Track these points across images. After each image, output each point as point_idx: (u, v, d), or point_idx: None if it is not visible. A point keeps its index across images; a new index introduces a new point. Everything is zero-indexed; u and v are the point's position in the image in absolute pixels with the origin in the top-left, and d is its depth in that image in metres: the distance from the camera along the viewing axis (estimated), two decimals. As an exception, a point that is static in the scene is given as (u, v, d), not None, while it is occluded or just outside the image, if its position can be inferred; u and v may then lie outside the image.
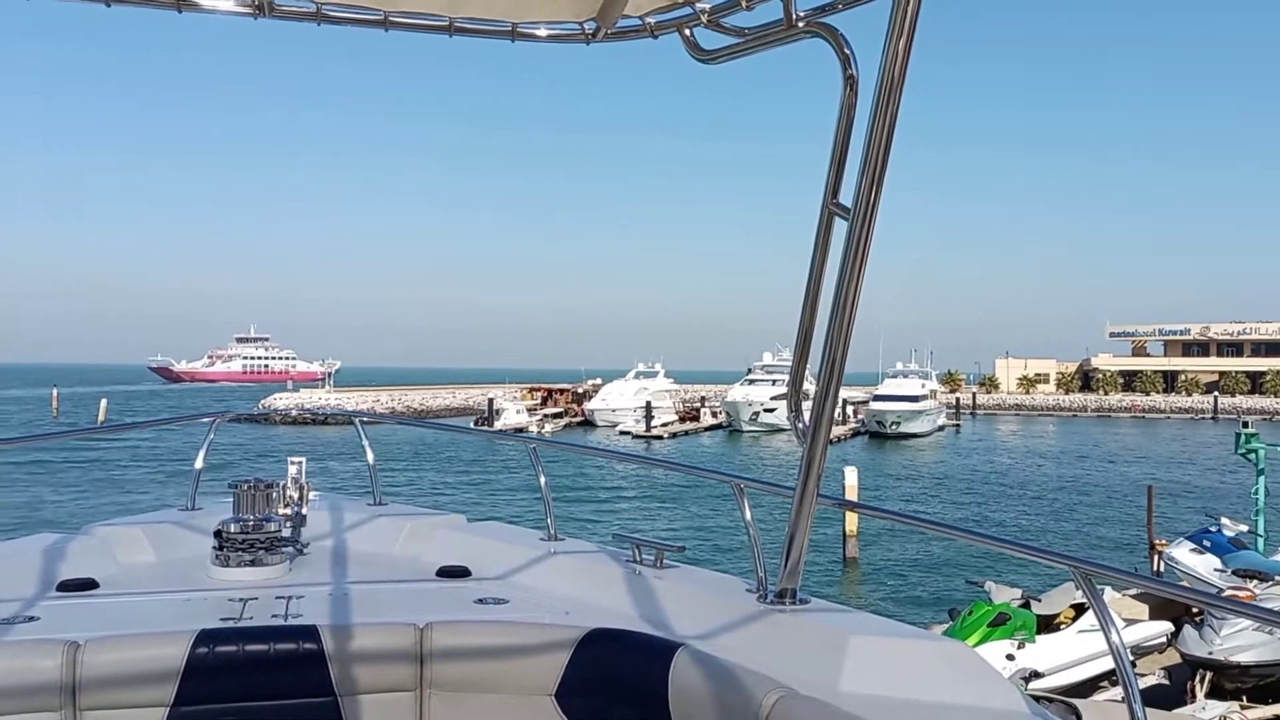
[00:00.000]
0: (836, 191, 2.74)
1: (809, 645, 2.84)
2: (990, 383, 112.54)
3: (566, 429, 71.46)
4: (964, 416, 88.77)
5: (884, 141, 2.45)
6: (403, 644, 3.04)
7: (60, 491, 33.57)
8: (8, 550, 3.91)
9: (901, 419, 68.10)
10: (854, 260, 2.59)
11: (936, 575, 22.77)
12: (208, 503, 4.74)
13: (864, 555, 24.54)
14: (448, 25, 3.02)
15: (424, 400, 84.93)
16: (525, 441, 4.86)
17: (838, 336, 2.70)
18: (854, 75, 2.64)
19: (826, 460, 2.98)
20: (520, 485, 35.96)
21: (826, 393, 2.81)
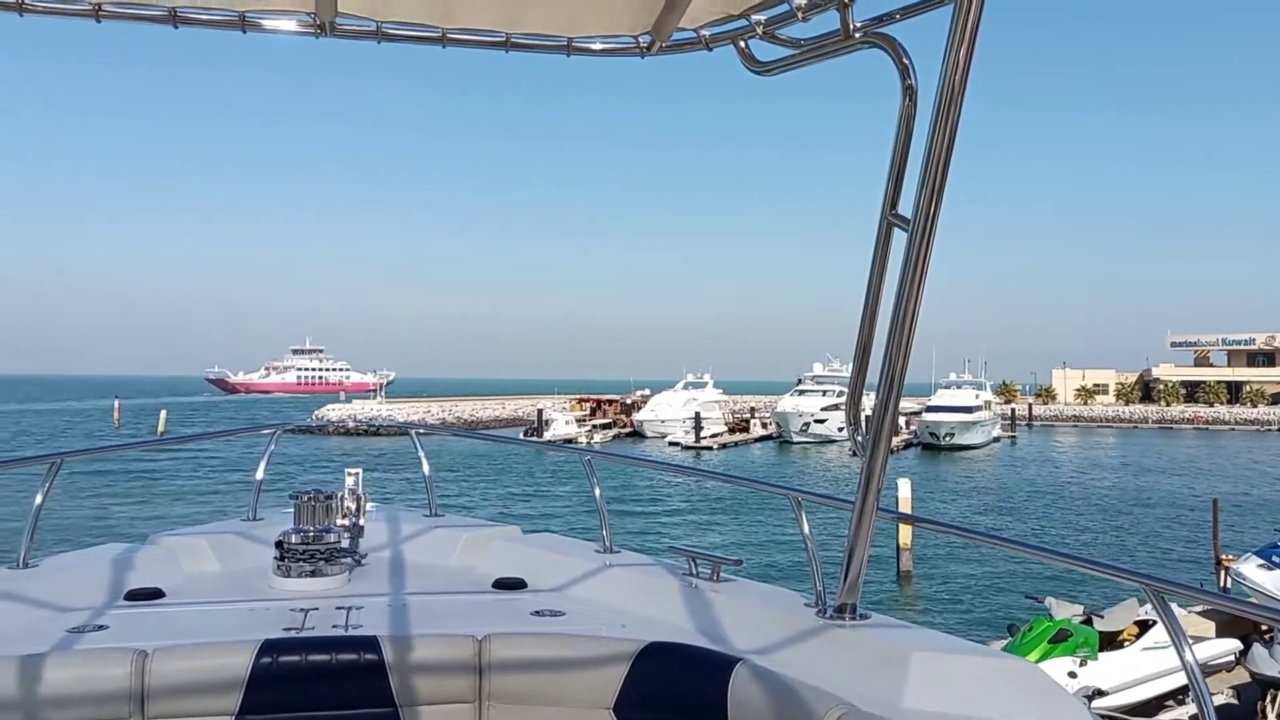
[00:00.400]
0: (895, 203, 2.72)
1: (870, 661, 2.80)
2: (1047, 393, 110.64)
3: (615, 440, 71.52)
4: (1020, 428, 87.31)
5: (944, 152, 2.43)
6: (461, 655, 3.06)
7: (125, 501, 34.31)
8: (78, 560, 4.00)
9: (955, 430, 67.13)
10: (914, 272, 2.56)
11: (994, 590, 22.39)
12: (268, 513, 4.81)
13: (919, 569, 24.21)
14: (504, 41, 3.05)
15: (474, 411, 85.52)
16: (580, 453, 4.87)
17: (897, 349, 2.67)
18: (913, 85, 2.62)
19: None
20: (571, 496, 36.05)
21: (886, 405, 2.78)
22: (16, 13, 2.76)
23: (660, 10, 2.90)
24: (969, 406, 70.67)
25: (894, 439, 4.11)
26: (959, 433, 67.15)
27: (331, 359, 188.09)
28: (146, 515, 30.54)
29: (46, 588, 3.54)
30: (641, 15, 2.96)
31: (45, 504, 3.81)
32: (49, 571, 3.72)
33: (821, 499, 3.83)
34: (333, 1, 2.78)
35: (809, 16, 2.75)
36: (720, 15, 2.95)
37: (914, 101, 2.64)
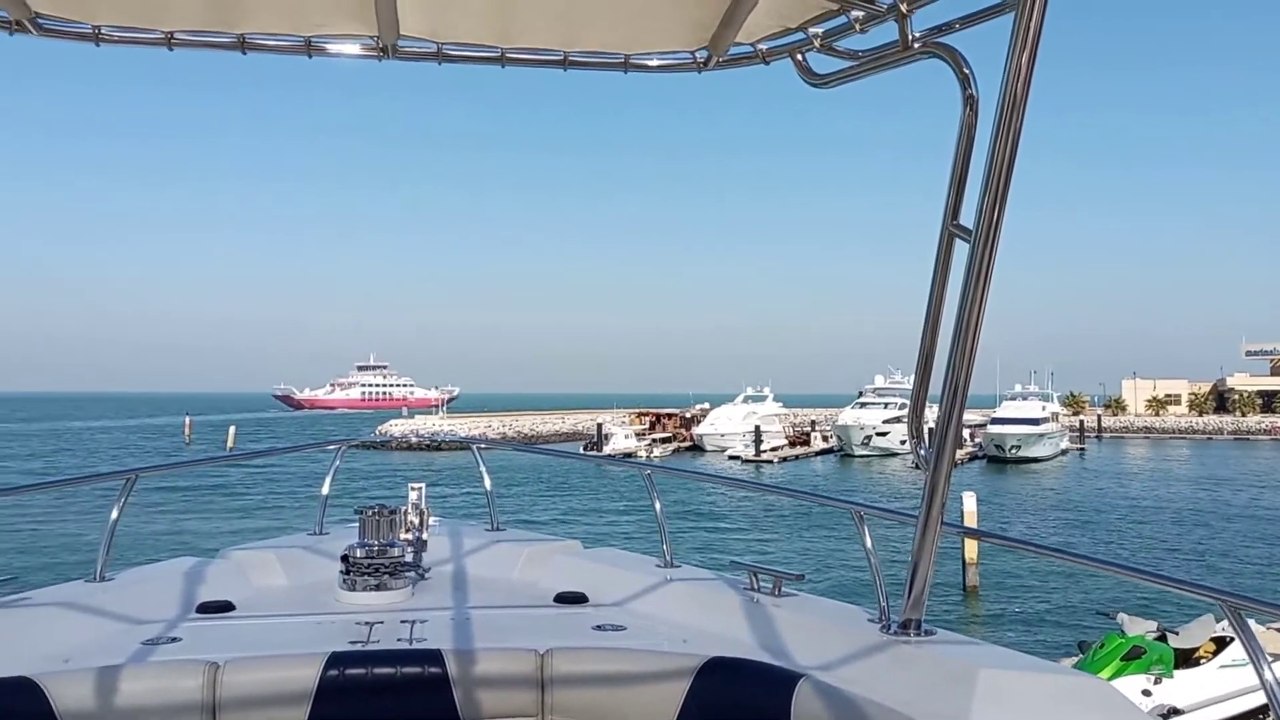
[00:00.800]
0: (957, 213, 2.69)
1: (936, 678, 2.75)
2: (1116, 404, 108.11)
3: (675, 454, 71.39)
4: (1089, 440, 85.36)
5: (1006, 160, 2.39)
6: (524, 670, 3.07)
7: (196, 515, 35.09)
8: (152, 573, 4.10)
9: (1022, 442, 65.82)
10: (976, 283, 2.53)
11: (1064, 606, 21.87)
12: (334, 527, 4.89)
13: (985, 583, 23.75)
14: (562, 59, 3.08)
15: (534, 425, 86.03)
16: (640, 468, 4.88)
17: (960, 361, 2.64)
18: (974, 94, 2.59)
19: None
20: (631, 510, 36.06)
21: (949, 418, 2.74)
22: (94, 43, 2.85)
23: (717, 26, 2.91)
24: (1035, 418, 69.25)
25: (959, 451, 4.04)
26: (1025, 445, 65.83)
27: (395, 375, 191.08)
28: (217, 529, 31.23)
29: (122, 601, 3.64)
30: (698, 31, 2.97)
31: (120, 518, 3.92)
32: (124, 585, 3.82)
33: (884, 513, 3.78)
34: (395, 25, 2.84)
35: (867, 28, 2.74)
36: (777, 29, 2.95)
37: (975, 111, 2.61)
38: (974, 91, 2.60)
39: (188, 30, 2.86)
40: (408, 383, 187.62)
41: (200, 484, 42.06)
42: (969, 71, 2.59)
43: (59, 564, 23.20)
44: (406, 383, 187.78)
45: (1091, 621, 17.49)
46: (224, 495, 40.91)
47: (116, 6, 2.75)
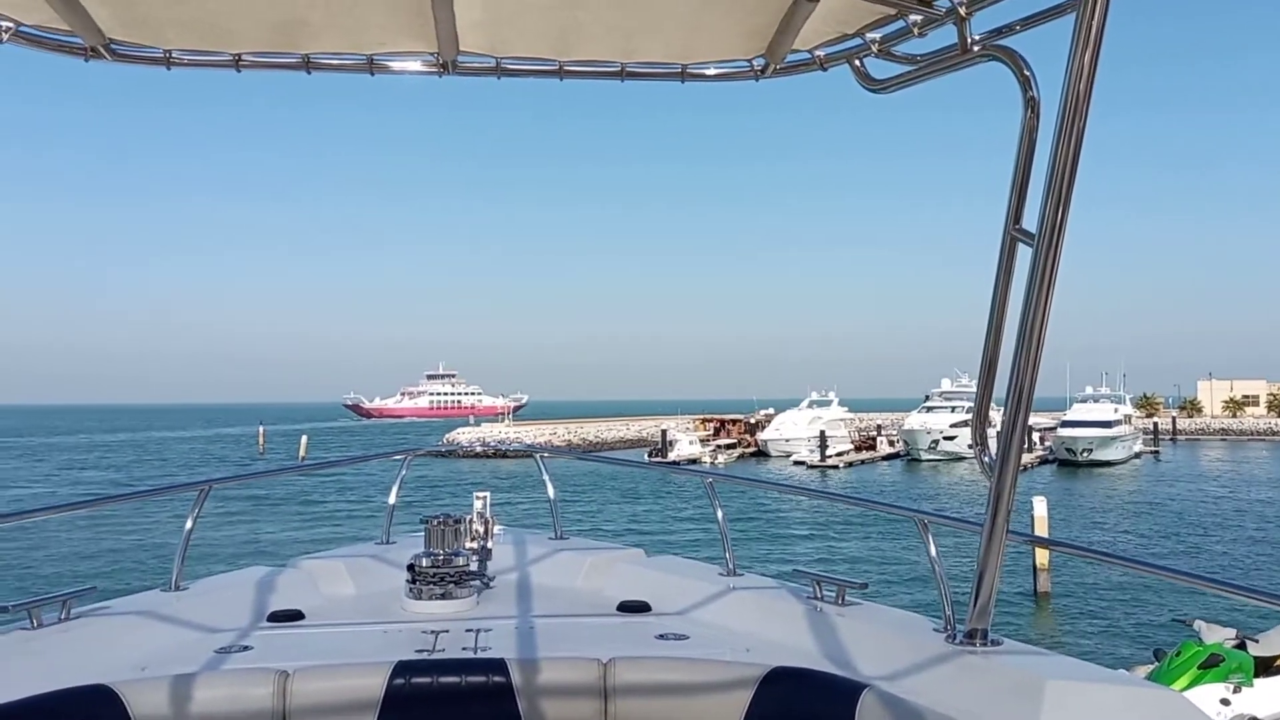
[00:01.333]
0: (1019, 217, 2.65)
1: (1003, 689, 2.71)
2: (1192, 406, 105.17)
3: (740, 460, 71.08)
4: (1163, 442, 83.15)
5: (1070, 163, 2.35)
6: (587, 679, 3.09)
7: (267, 524, 35.86)
8: (225, 582, 4.20)
9: (1093, 445, 64.33)
10: (1040, 287, 2.49)
11: (1138, 613, 21.33)
12: (401, 536, 4.96)
13: (1057, 590, 23.25)
14: (619, 70, 3.10)
15: (599, 433, 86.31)
16: (701, 475, 4.87)
17: (1025, 366, 2.60)
18: (1035, 97, 2.56)
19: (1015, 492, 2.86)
20: (696, 518, 35.98)
21: (1014, 424, 2.70)
22: (165, 67, 2.95)
23: (774, 33, 2.90)
24: (1107, 421, 67.61)
25: (1028, 455, 3.92)
26: (1097, 448, 64.34)
27: (463, 384, 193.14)
28: (287, 538, 31.87)
29: (196, 610, 3.73)
30: (755, 39, 2.97)
31: (194, 528, 4.02)
32: (198, 594, 3.92)
33: (948, 520, 3.73)
34: (454, 41, 2.89)
35: (925, 32, 2.72)
36: (834, 35, 2.94)
37: (1036, 113, 2.57)
38: (1035, 94, 2.56)
39: (254, 52, 2.94)
40: (476, 391, 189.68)
41: (271, 493, 42.98)
42: (1030, 74, 2.56)
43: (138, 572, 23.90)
44: (474, 391, 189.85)
45: (1167, 629, 17.02)
46: (294, 504, 41.77)
47: (187, 32, 2.84)
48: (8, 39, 2.73)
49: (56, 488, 53.11)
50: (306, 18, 2.78)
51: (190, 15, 2.76)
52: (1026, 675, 2.71)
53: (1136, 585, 23.16)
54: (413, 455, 5.35)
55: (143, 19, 2.76)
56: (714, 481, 4.57)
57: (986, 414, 3.03)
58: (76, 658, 3.15)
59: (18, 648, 3.16)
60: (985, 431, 3.04)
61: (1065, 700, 2.58)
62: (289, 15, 2.76)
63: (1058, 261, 2.47)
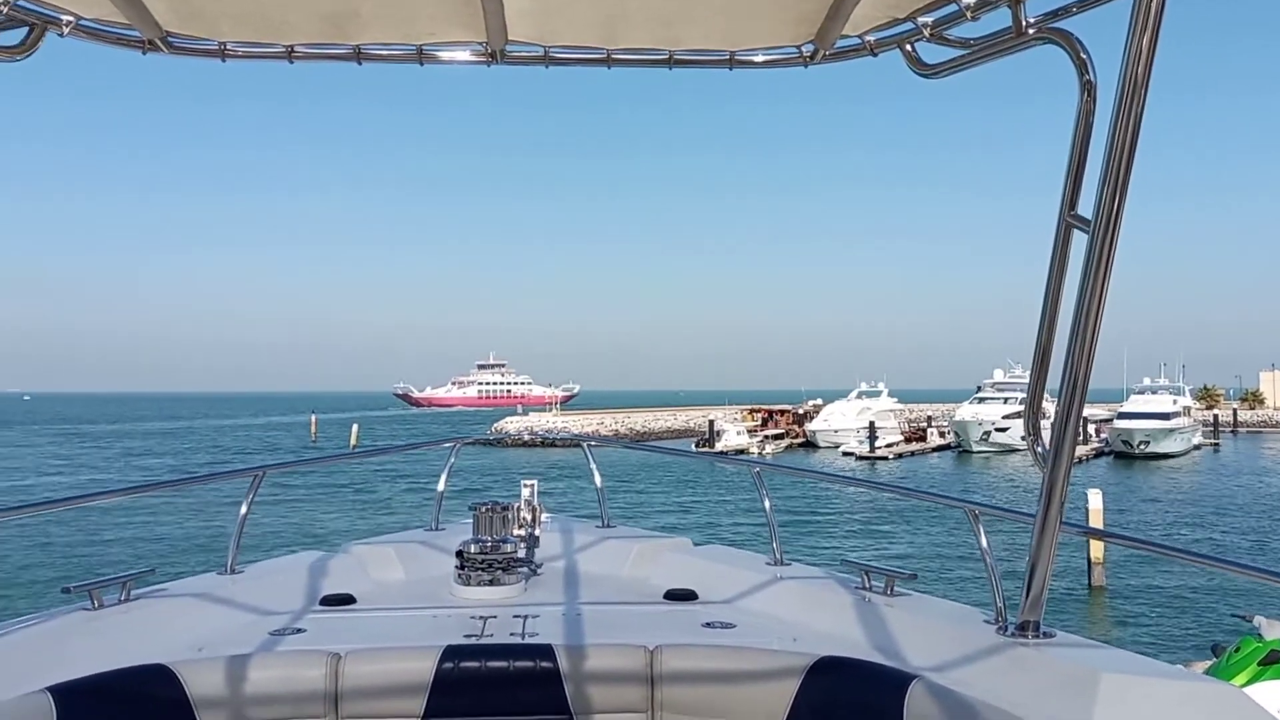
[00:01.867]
0: (1074, 203, 2.60)
1: (1056, 682, 2.67)
2: (1254, 398, 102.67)
3: (788, 450, 70.76)
4: (1223, 435, 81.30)
5: (1127, 147, 2.30)
6: (634, 665, 3.10)
7: (319, 510, 36.45)
8: (279, 566, 4.28)
9: (1151, 438, 63.05)
10: (1096, 274, 2.44)
11: (1196, 608, 20.91)
12: (449, 523, 5.01)
13: (1112, 584, 22.87)
14: (667, 58, 3.09)
15: (646, 423, 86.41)
16: (749, 465, 4.85)
17: (1080, 355, 2.55)
18: (1091, 80, 2.50)
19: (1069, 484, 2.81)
20: (742, 508, 35.91)
21: (1068, 414, 2.66)
22: (220, 59, 2.99)
23: (823, 19, 2.87)
24: (1165, 413, 66.19)
25: (1084, 447, 3.81)
26: (1155, 440, 63.05)
27: (513, 373, 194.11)
28: (338, 524, 32.36)
29: (251, 592, 3.80)
30: (804, 25, 2.94)
31: (249, 513, 4.10)
32: (253, 577, 4.00)
33: (1000, 512, 3.68)
34: (503, 30, 2.89)
35: (979, 15, 2.67)
36: (885, 20, 2.90)
37: (1093, 97, 2.52)
38: (1092, 77, 2.51)
39: (307, 43, 2.97)
40: (525, 381, 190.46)
41: (323, 480, 43.65)
42: (1086, 57, 2.50)
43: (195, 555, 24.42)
44: (524, 381, 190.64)
45: (1227, 624, 16.67)
46: (345, 491, 42.38)
47: (241, 24, 2.88)
48: (68, 32, 2.79)
49: (119, 474, 54.41)
50: (358, 8, 2.80)
51: (244, 8, 2.79)
52: (1080, 668, 2.66)
53: (1194, 581, 22.72)
54: (461, 443, 5.40)
55: (198, 11, 2.80)
56: (761, 471, 4.55)
57: (1040, 403, 2.98)
58: (136, 638, 3.23)
59: (80, 628, 3.24)
60: (1039, 421, 2.99)
61: (1121, 694, 2.53)
62: (341, 6, 2.79)
63: (1114, 248, 2.42)
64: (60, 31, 2.78)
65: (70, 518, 30.10)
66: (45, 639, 3.12)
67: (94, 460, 63.06)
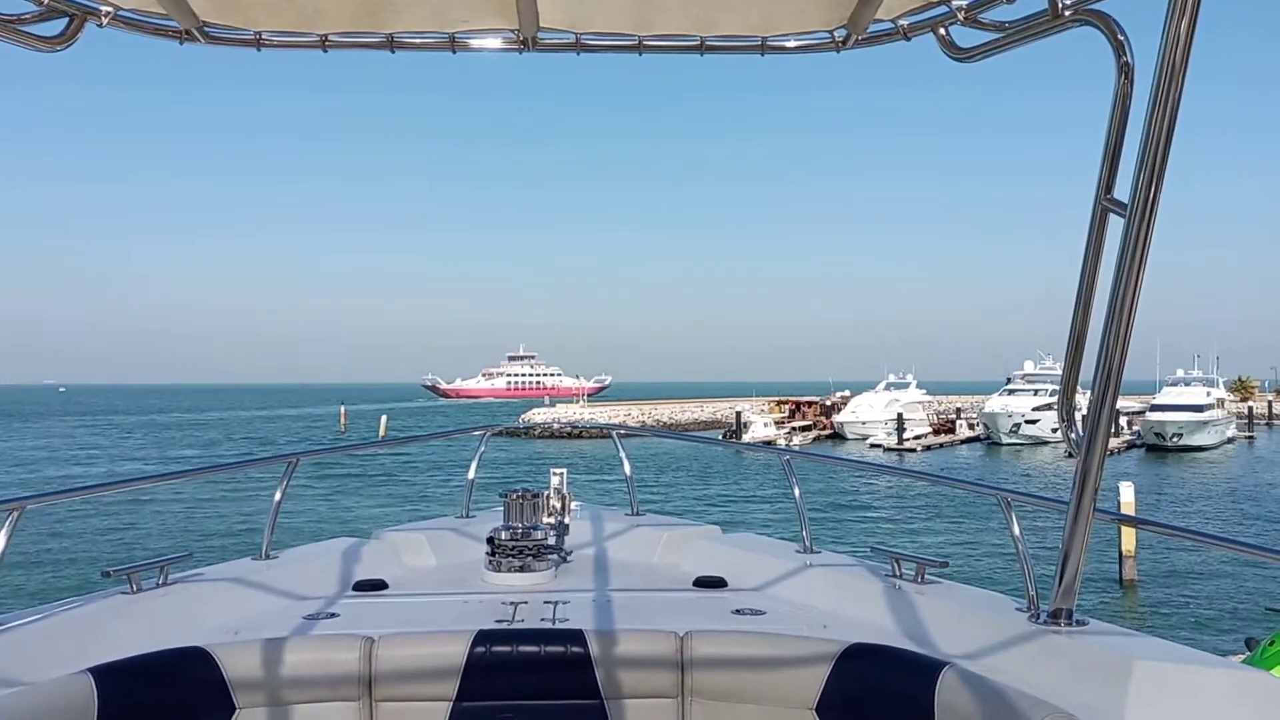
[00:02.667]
0: (1110, 187, 2.58)
1: (1090, 670, 2.65)
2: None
3: (815, 442, 70.43)
4: (1259, 427, 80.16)
5: (1165, 131, 2.28)
6: (664, 651, 3.11)
7: (351, 497, 36.77)
8: (312, 552, 4.33)
9: (1184, 430, 62.21)
10: (1133, 259, 2.42)
11: (1230, 600, 20.65)
12: (480, 511, 5.04)
13: (1143, 577, 22.63)
14: (699, 45, 3.08)
15: (673, 414, 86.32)
16: (779, 454, 4.85)
17: (1115, 341, 2.53)
18: (1129, 63, 2.47)
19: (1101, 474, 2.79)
20: (770, 497, 35.85)
21: (1103, 401, 2.64)
22: (255, 48, 3.02)
23: (856, 3, 2.85)
24: (1199, 405, 65.27)
25: (1115, 440, 3.74)
26: (1188, 433, 62.22)
27: (542, 365, 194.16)
28: (370, 511, 32.62)
29: (285, 578, 3.85)
30: (837, 9, 2.92)
31: (283, 500, 4.14)
32: (287, 563, 4.04)
33: (1033, 499, 3.66)
34: (535, 17, 2.90)
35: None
36: (919, 3, 2.88)
37: (1130, 80, 2.49)
38: (1129, 59, 2.48)
39: (340, 32, 2.99)
40: (555, 372, 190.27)
41: (354, 469, 44.01)
42: (1124, 39, 2.47)
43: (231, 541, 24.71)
44: (554, 372, 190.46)
45: (1260, 617, 16.46)
46: (377, 479, 42.71)
47: (276, 13, 2.90)
48: (107, 23, 2.82)
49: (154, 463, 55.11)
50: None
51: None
52: (1114, 656, 2.65)
53: (1228, 572, 22.46)
54: (490, 432, 5.43)
55: (234, 1, 2.83)
56: (791, 460, 4.55)
57: (1074, 390, 2.95)
58: (173, 621, 3.28)
59: (119, 610, 3.30)
60: (1073, 408, 2.97)
61: (1157, 682, 2.52)
62: None
63: (1151, 233, 2.40)
64: (100, 22, 2.81)
65: (108, 503, 30.53)
66: (86, 621, 3.17)
67: (128, 450, 63.90)
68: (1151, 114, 2.28)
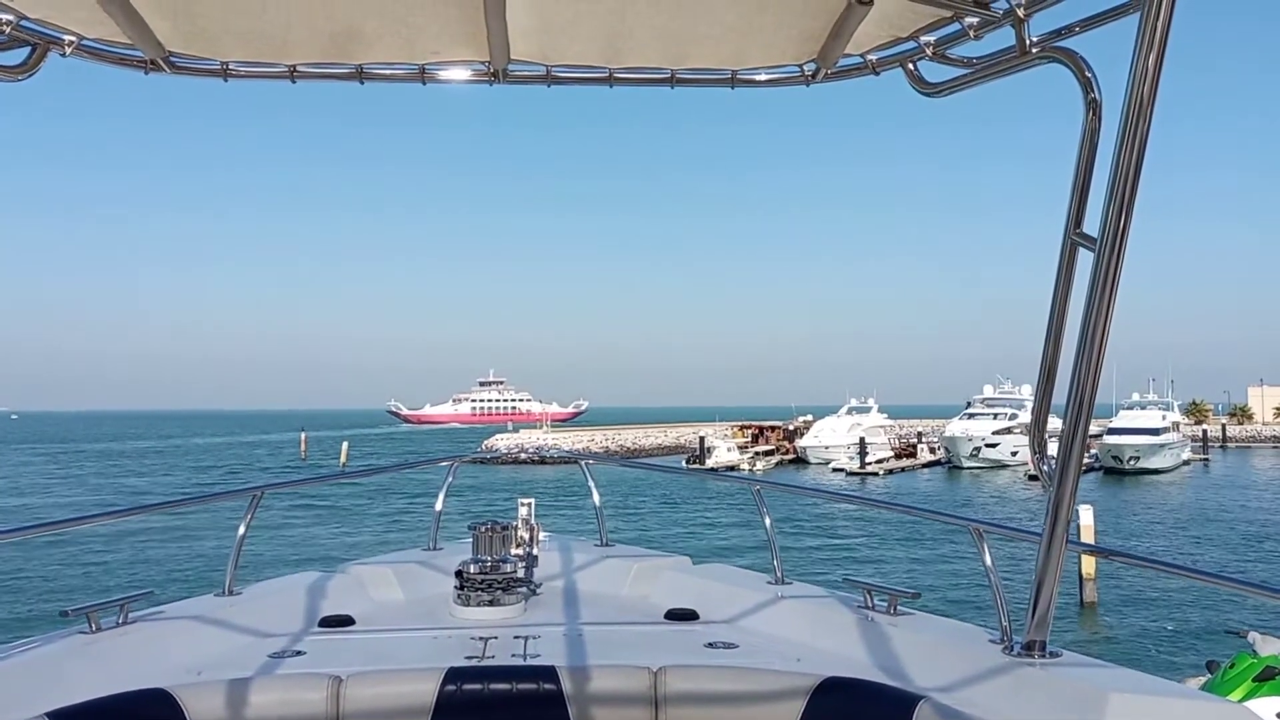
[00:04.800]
0: (1080, 221, 2.60)
1: (1064, 702, 2.66)
2: (1242, 413, 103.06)
3: (778, 467, 70.64)
4: (1212, 450, 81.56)
5: (1133, 166, 2.31)
6: (638, 687, 3.07)
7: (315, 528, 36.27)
8: (277, 588, 4.24)
9: (1140, 453, 63.19)
10: (1103, 293, 2.44)
11: (1189, 624, 20.91)
12: (447, 543, 4.98)
13: (1104, 600, 22.85)
14: (669, 78, 3.09)
15: (636, 439, 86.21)
16: (750, 482, 4.83)
17: (1086, 373, 2.55)
18: (1096, 99, 2.51)
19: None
20: (736, 525, 35.81)
21: (1074, 433, 2.66)
22: (222, 78, 2.98)
23: (825, 37, 2.88)
24: (1155, 428, 66.38)
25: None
26: (1144, 456, 63.20)
27: (511, 390, 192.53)
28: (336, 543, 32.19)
29: (249, 614, 3.76)
30: (806, 44, 2.94)
31: (247, 534, 4.06)
32: (251, 599, 3.95)
33: (1005, 529, 3.67)
34: (505, 49, 2.89)
35: (982, 34, 2.68)
36: (888, 39, 2.91)
37: (1098, 115, 2.52)
38: (1097, 95, 2.51)
39: (309, 63, 2.97)
40: (525, 397, 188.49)
41: (317, 500, 43.44)
42: (1091, 75, 2.51)
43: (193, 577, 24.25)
44: (524, 397, 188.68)
45: (1220, 641, 16.66)
46: (340, 510, 42.17)
47: (243, 44, 2.87)
48: (70, 52, 2.78)
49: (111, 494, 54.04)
50: (361, 28, 2.80)
51: (248, 26, 2.79)
52: (1088, 688, 2.65)
53: (1187, 597, 22.73)
54: (459, 462, 5.37)
55: (201, 31, 2.80)
56: (761, 489, 4.54)
57: (1045, 421, 2.97)
58: (134, 661, 3.19)
59: (77, 651, 3.21)
60: (1044, 439, 2.99)
61: (1128, 713, 2.52)
62: (344, 25, 2.79)
63: (1120, 267, 2.42)
64: (63, 51, 2.77)
65: (65, 540, 29.87)
66: (43, 663, 3.08)
67: (85, 478, 62.67)
68: (1120, 149, 2.31)
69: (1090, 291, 2.47)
